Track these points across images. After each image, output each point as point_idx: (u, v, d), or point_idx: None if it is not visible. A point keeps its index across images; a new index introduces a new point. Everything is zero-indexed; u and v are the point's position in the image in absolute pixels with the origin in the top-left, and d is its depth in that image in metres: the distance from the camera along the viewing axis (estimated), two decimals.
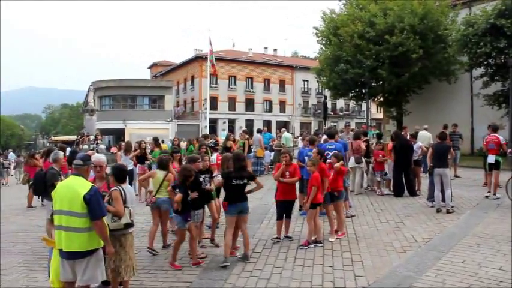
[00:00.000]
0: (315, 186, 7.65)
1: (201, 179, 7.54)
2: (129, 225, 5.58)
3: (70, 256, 4.87)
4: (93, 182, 5.62)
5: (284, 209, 8.12)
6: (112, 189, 5.58)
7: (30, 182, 12.73)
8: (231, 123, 56.32)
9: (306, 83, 62.26)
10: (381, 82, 27.84)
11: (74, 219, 4.80)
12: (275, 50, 68.57)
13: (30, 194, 14.05)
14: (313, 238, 7.81)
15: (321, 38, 29.87)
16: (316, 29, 29.72)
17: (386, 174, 12.82)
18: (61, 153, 9.28)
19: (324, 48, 30.52)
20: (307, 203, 7.68)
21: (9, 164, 31.54)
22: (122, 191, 5.58)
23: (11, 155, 31.78)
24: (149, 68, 76.86)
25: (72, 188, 4.90)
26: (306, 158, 9.27)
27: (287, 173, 7.99)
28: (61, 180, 6.70)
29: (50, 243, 5.46)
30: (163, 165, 7.92)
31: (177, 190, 6.90)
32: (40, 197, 12.07)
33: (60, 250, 4.94)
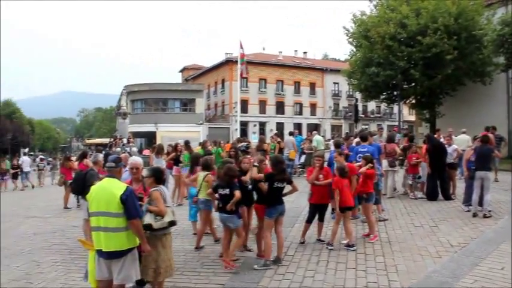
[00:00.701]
0: (337, 189, 7.67)
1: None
2: (173, 223, 5.62)
3: (109, 256, 5.02)
4: (130, 184, 5.71)
5: (317, 213, 8.10)
6: (152, 189, 5.59)
7: (70, 183, 13.06)
8: (262, 126, 56.38)
9: (336, 85, 61.84)
10: (413, 84, 27.34)
11: (112, 220, 4.95)
12: (305, 52, 68.40)
13: (66, 195, 14.42)
14: (345, 242, 7.76)
15: (351, 39, 29.63)
16: (347, 30, 29.50)
17: (420, 177, 12.57)
18: (100, 155, 9.59)
19: (354, 50, 30.26)
20: (336, 206, 7.71)
21: (44, 167, 32.30)
22: (162, 191, 5.63)
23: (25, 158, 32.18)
24: (180, 71, 77.66)
25: (109, 190, 5.04)
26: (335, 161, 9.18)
27: (320, 176, 7.97)
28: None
29: (86, 245, 5.57)
30: (207, 165, 8.01)
31: (222, 190, 6.90)
32: (77, 197, 12.47)
33: (99, 250, 5.07)
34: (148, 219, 5.31)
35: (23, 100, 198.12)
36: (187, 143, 14.51)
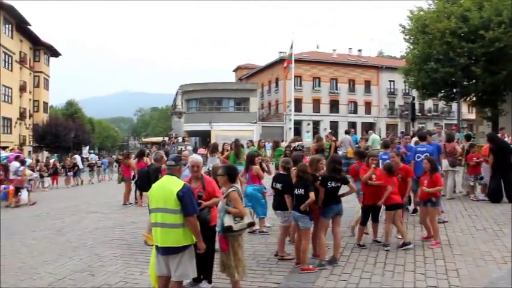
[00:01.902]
0: (390, 186, 7.58)
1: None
2: (252, 224, 5.69)
3: (165, 251, 5.14)
4: (189, 182, 5.77)
5: (369, 214, 7.97)
6: (230, 190, 5.58)
7: (135, 180, 13.54)
8: (316, 125, 56.06)
9: (392, 83, 60.54)
10: (474, 81, 26.37)
11: (169, 216, 5.06)
12: (360, 50, 67.27)
13: (126, 192, 14.89)
14: (400, 243, 7.63)
15: (408, 36, 28.92)
16: (403, 27, 28.80)
17: (482, 178, 12.06)
18: (162, 153, 9.88)
19: (411, 46, 29.51)
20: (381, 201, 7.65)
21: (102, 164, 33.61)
22: (239, 191, 5.64)
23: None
24: (234, 71, 78.36)
25: (167, 187, 5.17)
26: (380, 161, 8.95)
27: (373, 176, 7.81)
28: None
29: (150, 240, 5.71)
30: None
31: (297, 190, 6.86)
32: (140, 194, 13.27)
33: (157, 246, 5.21)
34: (228, 221, 5.33)
35: (85, 100, 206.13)
36: (236, 142, 14.62)
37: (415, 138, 11.73)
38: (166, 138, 38.41)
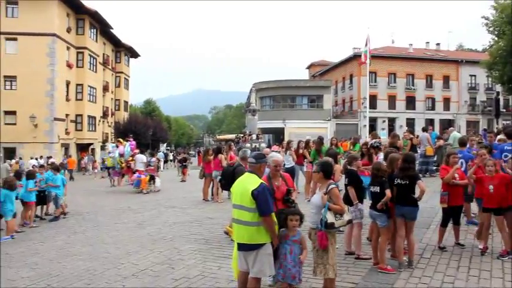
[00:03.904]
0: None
1: None
2: (351, 221, 5.64)
3: (240, 247, 5.24)
4: (266, 181, 5.75)
5: (451, 216, 7.61)
6: (331, 186, 5.52)
7: (219, 178, 13.77)
8: (391, 122, 54.63)
9: (473, 78, 57.62)
10: None
11: (244, 213, 5.11)
12: (438, 44, 64.66)
13: (205, 188, 15.29)
14: (480, 247, 7.23)
15: (492, 28, 27.44)
16: (486, 18, 27.36)
17: None
18: (248, 151, 9.98)
19: (496, 39, 27.98)
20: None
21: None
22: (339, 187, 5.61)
23: (160, 154, 34.38)
24: (307, 68, 78.09)
25: (244, 184, 5.22)
26: (462, 161, 8.51)
27: (456, 176, 7.48)
28: None
29: (231, 233, 5.82)
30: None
31: (373, 188, 6.84)
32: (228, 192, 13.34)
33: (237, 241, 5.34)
34: (330, 217, 5.30)
35: (162, 99, 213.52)
36: (307, 142, 14.56)
37: (500, 136, 11.08)
38: (240, 136, 38.97)
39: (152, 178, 20.06)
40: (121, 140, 23.03)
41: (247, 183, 5.18)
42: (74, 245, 9.85)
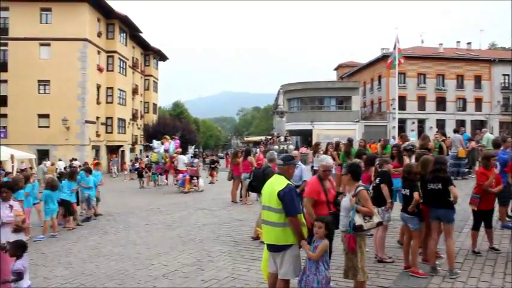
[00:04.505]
0: None
1: None
2: (381, 223, 5.60)
3: (269, 248, 5.32)
4: (317, 183, 5.74)
5: (482, 219, 7.44)
6: (359, 188, 5.50)
7: (250, 180, 13.83)
8: (420, 123, 53.81)
9: (506, 77, 56.20)
10: None
11: (271, 214, 5.18)
12: (469, 43, 63.30)
13: (233, 190, 15.37)
14: None
15: None
16: None
17: None
18: (275, 153, 10.08)
19: None
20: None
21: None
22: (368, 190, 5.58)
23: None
24: (335, 69, 77.64)
25: (272, 185, 5.30)
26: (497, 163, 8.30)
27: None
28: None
29: (261, 234, 5.87)
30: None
31: (403, 190, 6.78)
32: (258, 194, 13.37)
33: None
34: (358, 220, 5.29)
35: (190, 101, 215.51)
36: (337, 144, 14.48)
37: None
38: (268, 138, 39.00)
39: (194, 178, 20.95)
40: (167, 136, 23.89)
41: (275, 184, 5.26)
42: (105, 246, 10.06)
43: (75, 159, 32.21)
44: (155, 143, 23.93)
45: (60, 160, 32.31)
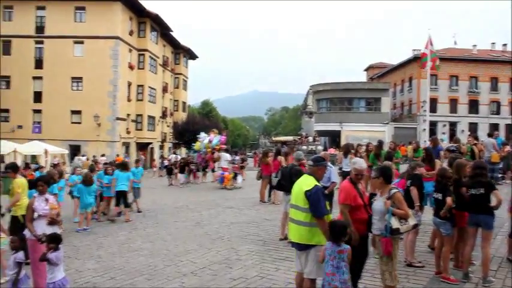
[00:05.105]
0: None
1: None
2: (417, 226, 5.54)
3: (294, 245, 5.40)
4: (350, 185, 5.68)
5: None
6: (393, 191, 5.43)
7: (278, 180, 13.82)
8: (452, 126, 52.82)
9: None
10: None
11: (298, 213, 5.27)
12: (504, 44, 61.63)
13: (262, 190, 15.41)
14: None
15: None
16: None
17: None
18: (301, 153, 10.13)
19: None
20: None
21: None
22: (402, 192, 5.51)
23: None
24: (365, 70, 76.97)
25: (300, 185, 5.39)
26: None
27: None
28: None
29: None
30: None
31: (436, 194, 6.68)
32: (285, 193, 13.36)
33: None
34: (394, 223, 5.22)
35: (219, 100, 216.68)
36: (379, 142, 14.37)
37: None
38: (297, 138, 38.94)
39: (235, 175, 21.58)
40: (215, 130, 25.11)
41: (303, 184, 5.35)
42: (135, 241, 10.20)
43: (104, 155, 32.79)
44: (202, 134, 25.03)
45: (94, 156, 32.90)
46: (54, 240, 5.63)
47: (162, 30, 47.46)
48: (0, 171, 13.24)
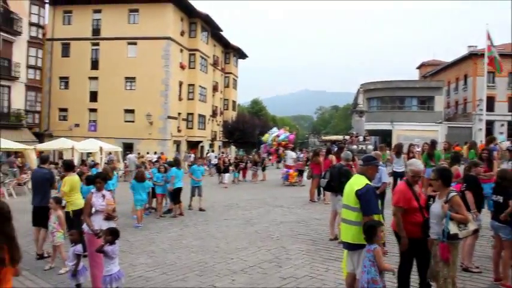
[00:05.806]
0: None
1: None
2: (477, 230, 5.37)
3: (345, 245, 5.38)
4: (406, 187, 5.57)
5: None
6: (452, 194, 5.19)
7: (327, 181, 13.73)
8: (511, 126, 50.68)
9: None
10: None
11: (349, 212, 5.26)
12: None
13: (312, 189, 15.35)
14: None
15: None
16: None
17: None
18: (349, 153, 9.99)
19: None
20: None
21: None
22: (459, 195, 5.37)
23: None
24: (418, 68, 75.06)
25: (351, 185, 5.37)
26: None
27: None
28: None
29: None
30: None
31: (495, 197, 6.46)
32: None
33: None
34: (453, 228, 5.00)
35: (269, 98, 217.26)
36: (433, 142, 14.01)
37: None
38: (347, 137, 38.44)
39: (301, 173, 22.05)
40: (287, 127, 26.44)
41: (354, 183, 5.33)
42: (186, 238, 10.37)
43: (155, 153, 33.67)
44: (274, 128, 26.54)
45: (147, 153, 33.85)
46: (112, 234, 5.85)
47: (213, 30, 48.06)
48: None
